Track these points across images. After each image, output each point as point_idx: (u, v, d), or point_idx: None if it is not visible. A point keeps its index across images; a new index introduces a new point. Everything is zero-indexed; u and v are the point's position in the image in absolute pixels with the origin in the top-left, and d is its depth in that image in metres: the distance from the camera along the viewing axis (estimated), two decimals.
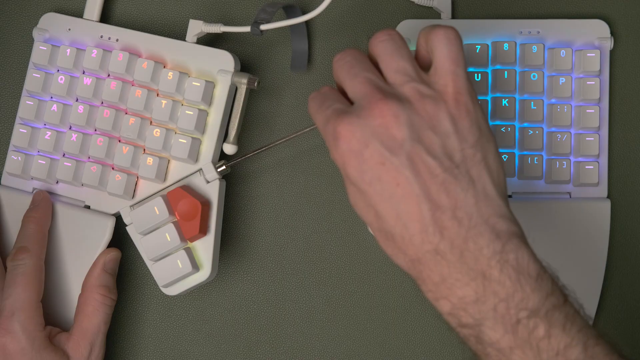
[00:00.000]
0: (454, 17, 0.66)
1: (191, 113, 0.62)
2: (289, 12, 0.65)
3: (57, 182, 0.64)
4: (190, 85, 0.62)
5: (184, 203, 0.61)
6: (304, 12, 0.62)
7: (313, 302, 0.66)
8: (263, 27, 0.61)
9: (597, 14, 0.67)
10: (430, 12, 0.66)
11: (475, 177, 0.48)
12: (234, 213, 0.67)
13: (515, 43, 0.64)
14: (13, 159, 0.64)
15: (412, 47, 0.65)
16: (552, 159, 0.65)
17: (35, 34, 0.65)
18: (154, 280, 0.65)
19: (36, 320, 0.59)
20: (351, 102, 0.51)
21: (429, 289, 0.49)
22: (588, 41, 0.65)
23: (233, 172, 0.66)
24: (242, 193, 0.67)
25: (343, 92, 0.52)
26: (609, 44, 0.65)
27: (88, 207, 0.64)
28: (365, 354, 0.66)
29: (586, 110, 0.64)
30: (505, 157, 0.64)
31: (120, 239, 0.65)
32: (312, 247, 0.67)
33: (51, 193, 0.64)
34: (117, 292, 0.63)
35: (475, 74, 0.64)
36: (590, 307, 0.65)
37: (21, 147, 0.64)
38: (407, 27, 0.65)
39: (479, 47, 0.64)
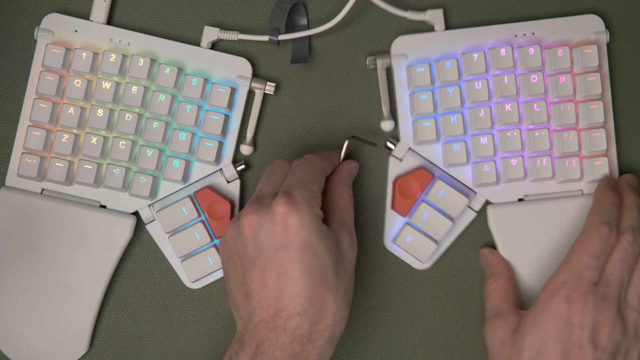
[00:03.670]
0: (447, 27, 0.66)
1: (217, 118, 0.64)
2: (295, 10, 0.66)
3: (71, 184, 0.65)
4: (215, 91, 0.64)
5: (214, 204, 0.64)
6: (305, 7, 0.67)
7: None
8: (281, 37, 0.64)
9: (590, 9, 0.67)
10: (424, 26, 0.67)
11: None
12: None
13: (512, 47, 0.64)
14: (27, 161, 0.64)
15: (410, 63, 0.65)
16: (561, 158, 0.65)
17: (39, 34, 0.65)
18: (154, 280, 0.66)
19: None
20: None
21: None
22: (584, 37, 0.65)
23: None
24: (242, 193, 0.67)
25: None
26: (605, 37, 0.65)
27: (104, 206, 0.65)
28: (365, 354, 0.66)
29: (590, 106, 0.64)
30: (514, 161, 0.64)
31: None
32: None
33: (65, 194, 0.65)
34: None
35: (475, 82, 0.64)
36: None
37: (35, 150, 0.64)
38: (403, 43, 0.66)
39: (476, 55, 0.64)
